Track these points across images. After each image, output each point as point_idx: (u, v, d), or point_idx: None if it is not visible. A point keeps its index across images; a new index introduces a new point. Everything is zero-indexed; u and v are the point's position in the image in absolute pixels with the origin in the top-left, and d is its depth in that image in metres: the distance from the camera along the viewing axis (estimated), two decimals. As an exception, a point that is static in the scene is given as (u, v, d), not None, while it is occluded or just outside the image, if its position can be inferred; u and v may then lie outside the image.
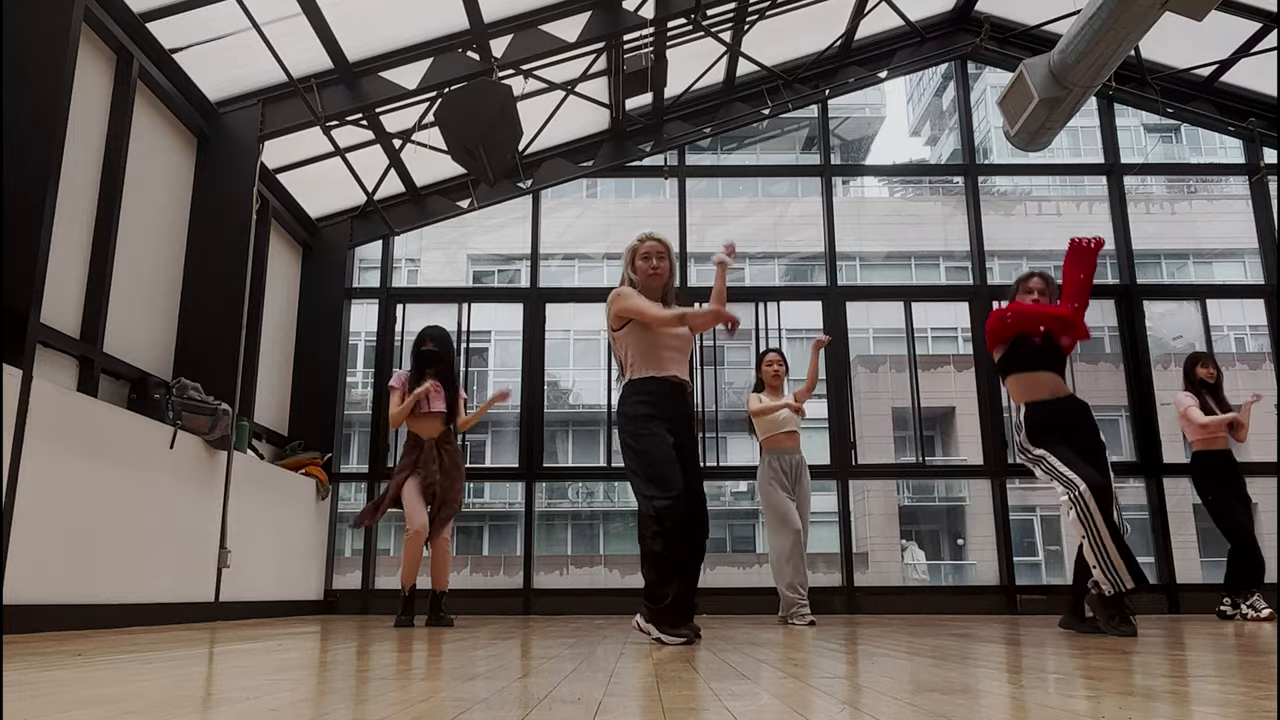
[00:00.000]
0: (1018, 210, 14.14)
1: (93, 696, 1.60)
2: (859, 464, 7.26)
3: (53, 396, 3.76)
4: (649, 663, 2.39)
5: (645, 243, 3.63)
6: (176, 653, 2.69)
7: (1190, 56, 7.38)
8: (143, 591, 4.39)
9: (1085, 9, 5.36)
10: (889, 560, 14.39)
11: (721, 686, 1.80)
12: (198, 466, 4.91)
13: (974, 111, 9.21)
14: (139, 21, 4.86)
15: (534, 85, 6.56)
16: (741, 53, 7.26)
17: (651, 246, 3.61)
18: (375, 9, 5.58)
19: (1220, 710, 1.43)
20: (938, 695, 1.63)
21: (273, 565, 5.94)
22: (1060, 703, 1.52)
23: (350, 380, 7.66)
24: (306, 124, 5.89)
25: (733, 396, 10.69)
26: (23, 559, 3.52)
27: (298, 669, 2.24)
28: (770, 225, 11.07)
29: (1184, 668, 2.22)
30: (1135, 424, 7.32)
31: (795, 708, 1.48)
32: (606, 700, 1.57)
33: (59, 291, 4.29)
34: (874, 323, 13.74)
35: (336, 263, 7.26)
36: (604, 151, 7.70)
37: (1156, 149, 10.41)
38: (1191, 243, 13.68)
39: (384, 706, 1.49)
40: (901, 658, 2.53)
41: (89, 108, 4.56)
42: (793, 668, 2.26)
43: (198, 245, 5.63)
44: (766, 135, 10.29)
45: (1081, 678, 1.95)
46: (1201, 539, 11.59)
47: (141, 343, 5.09)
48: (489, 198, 7.50)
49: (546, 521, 15.47)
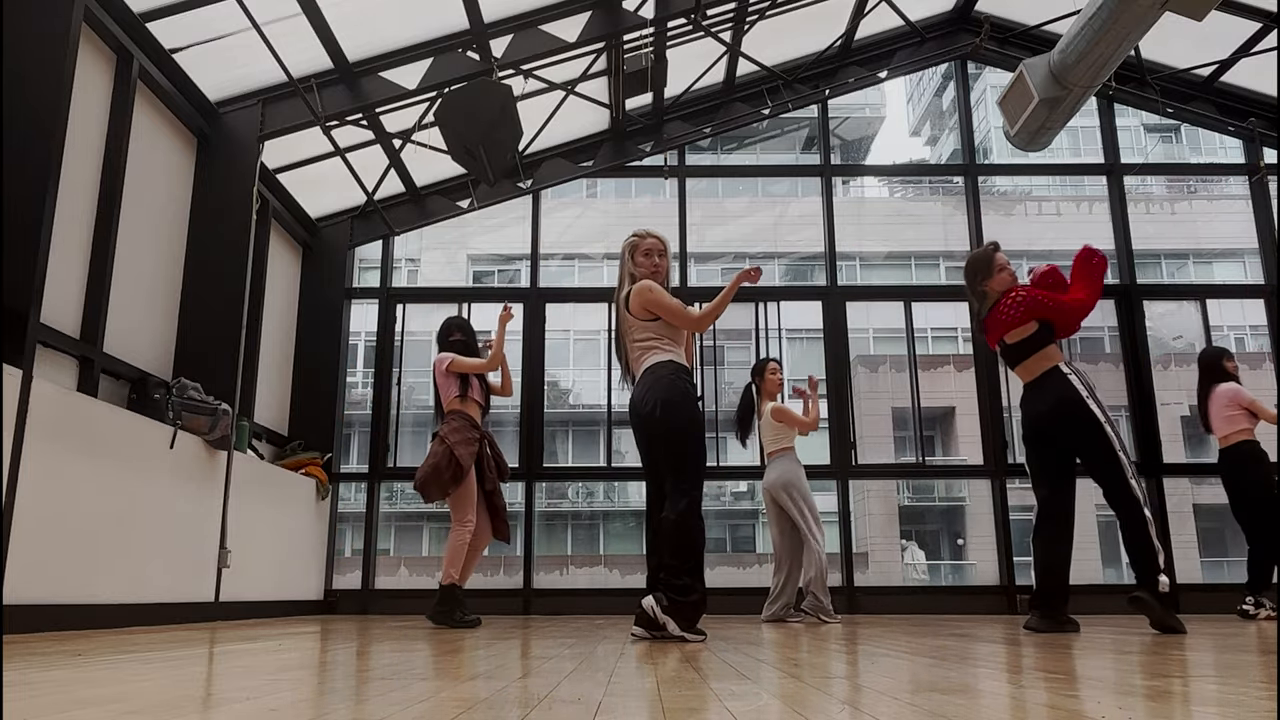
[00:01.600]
0: (1018, 210, 14.14)
1: (93, 696, 1.60)
2: (859, 464, 7.26)
3: (53, 396, 3.76)
4: (649, 663, 2.39)
5: (646, 239, 3.63)
6: (176, 653, 2.69)
7: (1190, 56, 7.38)
8: (143, 591, 4.39)
9: (1085, 9, 5.36)
10: (889, 560, 14.40)
11: (722, 686, 1.80)
12: (198, 466, 4.91)
13: (974, 111, 9.21)
14: (139, 21, 4.86)
15: (534, 85, 6.57)
16: (741, 53, 7.26)
17: (653, 244, 3.62)
18: (375, 9, 5.58)
19: (1220, 710, 1.43)
20: (938, 695, 1.63)
21: (273, 565, 5.94)
22: (1060, 703, 1.52)
23: (350, 380, 7.66)
24: (306, 124, 5.89)
25: (732, 396, 10.68)
26: (23, 559, 3.52)
27: (298, 669, 2.24)
28: (770, 225, 11.07)
29: (1184, 668, 2.22)
30: (1135, 424, 7.32)
31: (795, 708, 1.48)
32: (606, 700, 1.57)
33: (59, 291, 4.29)
34: (874, 323, 13.75)
35: (336, 263, 7.26)
36: (604, 151, 7.70)
37: (1156, 149, 10.41)
38: (1191, 243, 13.68)
39: (384, 706, 1.49)
40: (901, 658, 2.53)
41: (89, 108, 4.56)
42: (793, 668, 2.26)
43: (198, 245, 5.63)
44: (766, 135, 10.29)
45: (1082, 678, 1.95)
46: (1201, 539, 11.61)
47: (141, 343, 5.09)
48: (489, 198, 7.50)
49: (547, 521, 15.47)
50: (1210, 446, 6.12)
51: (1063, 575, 4.03)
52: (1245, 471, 5.65)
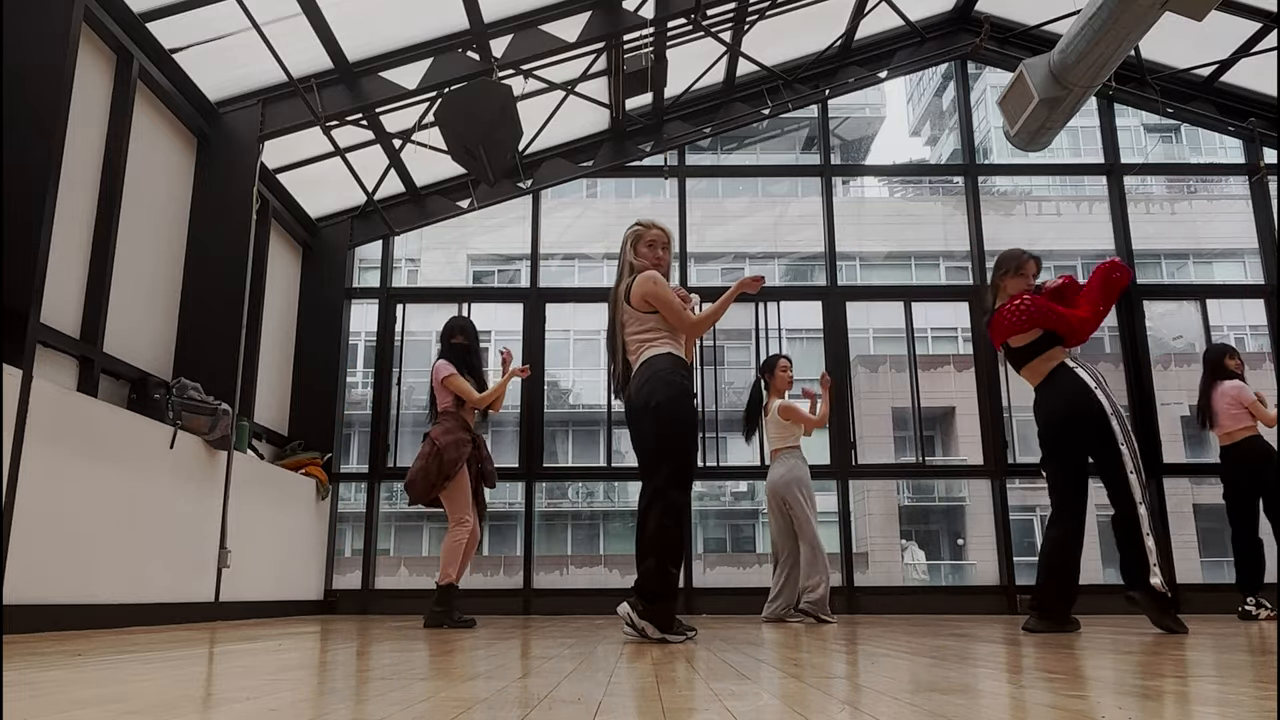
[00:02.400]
0: (1018, 210, 14.14)
1: (93, 696, 1.60)
2: (859, 464, 7.26)
3: (53, 396, 3.76)
4: (649, 663, 2.39)
5: (651, 229, 3.55)
6: (176, 653, 2.69)
7: (1190, 56, 7.38)
8: (143, 591, 4.39)
9: (1085, 9, 5.36)
10: (889, 560, 14.39)
11: (721, 686, 1.80)
12: (198, 466, 4.91)
13: (974, 111, 9.21)
14: (139, 21, 4.86)
15: (534, 85, 6.56)
16: (741, 53, 7.26)
17: (657, 235, 3.54)
18: (375, 9, 5.58)
19: (1220, 710, 1.43)
20: (938, 695, 1.63)
21: (273, 565, 5.94)
22: (1060, 703, 1.52)
23: (350, 380, 7.66)
24: (306, 124, 5.89)
25: (732, 396, 10.68)
26: (23, 559, 3.52)
27: (298, 669, 2.24)
28: (770, 225, 11.07)
29: (1184, 668, 2.22)
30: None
31: (795, 708, 1.48)
32: (606, 700, 1.57)
33: (59, 291, 4.29)
34: (874, 323, 13.74)
35: (336, 263, 7.26)
36: (604, 151, 7.70)
37: (1156, 149, 10.41)
38: (1191, 243, 13.68)
39: (384, 706, 1.49)
40: (901, 658, 2.53)
41: (89, 108, 4.56)
42: (793, 668, 2.26)
43: (198, 245, 5.63)
44: (766, 135, 10.28)
45: (1081, 678, 1.95)
46: (1201, 539, 11.61)
47: (141, 343, 5.09)
48: (489, 198, 7.50)
49: (547, 521, 15.47)
50: (1211, 446, 6.12)
51: (1066, 578, 3.95)
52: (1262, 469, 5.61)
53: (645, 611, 3.20)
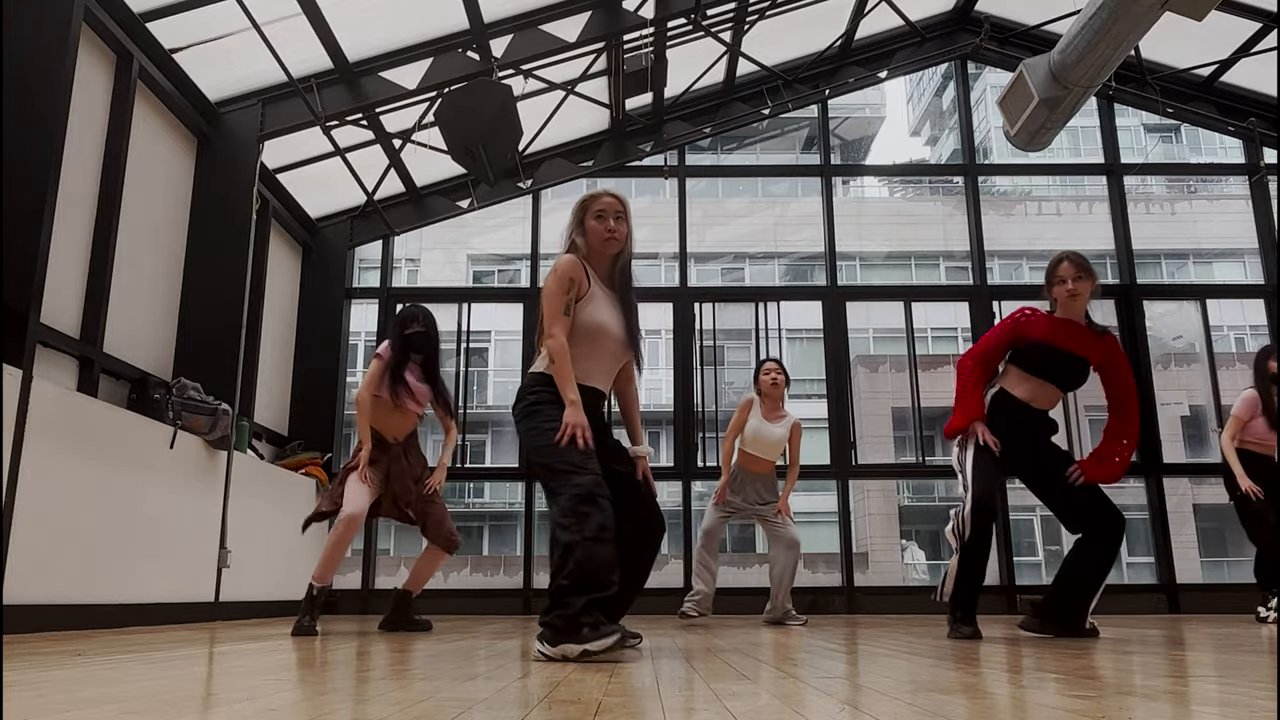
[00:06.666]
0: (1018, 210, 14.13)
1: (93, 696, 1.60)
2: (859, 464, 7.26)
3: (53, 396, 3.76)
4: (649, 663, 2.39)
5: (601, 198, 2.89)
6: (176, 653, 2.69)
7: (1190, 56, 7.38)
8: (143, 591, 4.39)
9: (1085, 9, 5.36)
10: (889, 560, 14.38)
11: (721, 687, 1.80)
12: (198, 466, 4.91)
13: (974, 111, 9.21)
14: (139, 21, 4.86)
15: (534, 85, 6.56)
16: (741, 53, 7.26)
17: (608, 203, 2.87)
18: (375, 9, 5.58)
19: (1220, 710, 1.43)
20: (938, 695, 1.63)
21: (273, 565, 5.94)
22: (1060, 703, 1.52)
23: (350, 380, 7.65)
24: (306, 124, 5.89)
25: (732, 396, 10.68)
26: (23, 559, 3.52)
27: (298, 669, 2.24)
28: (770, 225, 11.08)
29: (1184, 668, 2.22)
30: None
31: (795, 708, 1.48)
32: (606, 700, 1.57)
33: (59, 291, 4.29)
34: (874, 323, 13.73)
35: (336, 263, 7.26)
36: (604, 151, 7.70)
37: (1156, 149, 10.40)
38: (1191, 243, 13.68)
39: (384, 706, 1.49)
40: (901, 658, 2.53)
41: (89, 108, 4.56)
42: (792, 668, 2.26)
43: (198, 245, 5.63)
44: (766, 135, 10.29)
45: (1081, 678, 1.95)
46: (1201, 539, 11.61)
47: (141, 343, 5.09)
48: (489, 198, 7.50)
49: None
50: (1211, 446, 6.09)
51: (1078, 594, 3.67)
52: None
53: (541, 622, 2.55)
